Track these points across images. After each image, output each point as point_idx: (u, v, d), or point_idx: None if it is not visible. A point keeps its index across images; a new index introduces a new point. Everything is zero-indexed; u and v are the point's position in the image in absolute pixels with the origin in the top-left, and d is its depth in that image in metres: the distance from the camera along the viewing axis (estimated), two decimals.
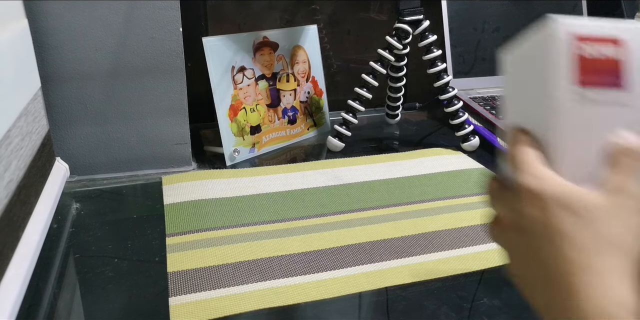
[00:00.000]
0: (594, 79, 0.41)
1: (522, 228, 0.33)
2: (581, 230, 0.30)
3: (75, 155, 0.77)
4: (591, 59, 0.41)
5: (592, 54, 0.41)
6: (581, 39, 0.41)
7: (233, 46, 0.84)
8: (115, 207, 0.72)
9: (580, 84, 0.40)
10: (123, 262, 0.59)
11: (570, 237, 0.30)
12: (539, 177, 0.34)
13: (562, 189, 0.33)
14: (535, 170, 0.35)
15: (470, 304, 0.53)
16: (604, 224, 0.30)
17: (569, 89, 0.40)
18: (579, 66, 0.40)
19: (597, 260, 0.29)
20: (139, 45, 0.74)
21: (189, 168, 0.82)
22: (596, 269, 0.29)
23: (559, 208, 0.32)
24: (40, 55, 0.71)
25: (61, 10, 0.70)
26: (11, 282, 0.50)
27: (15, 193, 0.55)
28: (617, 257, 0.29)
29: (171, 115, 0.79)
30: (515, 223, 0.33)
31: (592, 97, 0.41)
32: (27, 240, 0.56)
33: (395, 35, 0.86)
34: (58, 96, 0.74)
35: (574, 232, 0.30)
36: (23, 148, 0.59)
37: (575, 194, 0.32)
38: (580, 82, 0.40)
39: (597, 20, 0.42)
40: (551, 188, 0.33)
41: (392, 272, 0.57)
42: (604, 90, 0.41)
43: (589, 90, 0.41)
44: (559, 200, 0.32)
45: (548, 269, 0.31)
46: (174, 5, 0.73)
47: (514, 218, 0.34)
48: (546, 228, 0.31)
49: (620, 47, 0.41)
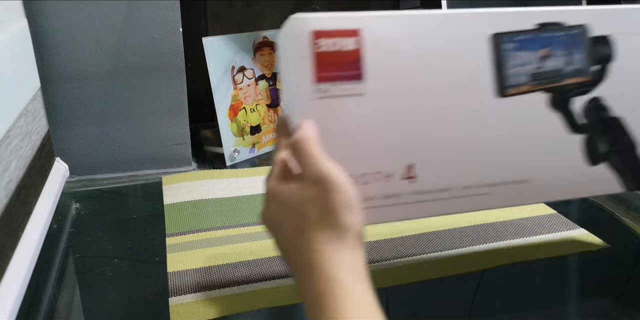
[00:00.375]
0: (332, 74, 0.42)
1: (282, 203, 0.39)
2: (292, 219, 0.38)
3: (75, 155, 0.77)
4: (329, 53, 0.42)
5: (330, 49, 0.42)
6: (320, 35, 0.41)
7: (233, 46, 0.84)
8: (115, 207, 0.72)
9: (319, 81, 0.42)
10: (123, 262, 0.59)
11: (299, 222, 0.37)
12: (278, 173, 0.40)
13: (280, 188, 0.39)
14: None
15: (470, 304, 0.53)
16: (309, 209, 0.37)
17: (308, 86, 0.42)
18: (317, 63, 0.42)
19: (318, 238, 0.36)
20: (139, 45, 0.74)
21: (189, 168, 0.82)
22: (316, 242, 0.36)
23: (275, 201, 0.39)
24: (40, 55, 0.71)
25: (61, 10, 0.70)
26: (11, 282, 0.50)
27: (15, 193, 0.55)
28: (328, 232, 0.36)
29: (171, 115, 0.78)
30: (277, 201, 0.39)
31: (331, 91, 0.42)
32: (27, 240, 0.56)
33: None
34: (58, 96, 0.74)
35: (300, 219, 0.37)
36: (23, 148, 0.59)
37: (294, 190, 0.38)
38: (318, 79, 0.42)
39: (342, 13, 0.42)
40: (276, 186, 0.39)
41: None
42: (342, 83, 0.42)
43: (328, 85, 0.42)
44: (276, 192, 0.39)
45: (293, 242, 0.38)
46: (174, 5, 0.73)
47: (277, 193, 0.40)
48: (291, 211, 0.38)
49: (358, 37, 0.42)
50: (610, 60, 0.50)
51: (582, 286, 0.56)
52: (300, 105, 0.42)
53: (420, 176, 0.45)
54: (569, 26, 0.48)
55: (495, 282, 0.56)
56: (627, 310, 0.51)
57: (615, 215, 0.69)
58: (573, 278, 0.57)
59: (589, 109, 0.50)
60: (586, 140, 0.50)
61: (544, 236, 0.63)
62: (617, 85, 0.50)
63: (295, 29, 0.41)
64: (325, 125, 0.42)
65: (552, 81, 0.48)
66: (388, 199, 0.45)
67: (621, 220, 0.68)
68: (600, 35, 0.49)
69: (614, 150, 0.51)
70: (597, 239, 0.62)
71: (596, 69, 0.50)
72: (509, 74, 0.47)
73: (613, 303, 0.52)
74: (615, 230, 0.59)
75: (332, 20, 0.42)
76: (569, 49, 0.49)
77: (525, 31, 0.47)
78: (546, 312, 0.51)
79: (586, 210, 0.71)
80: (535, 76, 0.48)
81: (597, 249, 0.61)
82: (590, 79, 0.50)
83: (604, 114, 0.51)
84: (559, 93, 0.49)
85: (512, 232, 0.63)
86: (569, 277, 0.57)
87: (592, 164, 0.50)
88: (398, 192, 0.45)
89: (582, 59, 0.49)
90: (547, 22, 0.47)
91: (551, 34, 0.48)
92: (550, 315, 0.51)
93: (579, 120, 0.50)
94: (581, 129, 0.50)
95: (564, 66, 0.49)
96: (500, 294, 0.54)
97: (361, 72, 0.43)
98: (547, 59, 0.48)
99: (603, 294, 0.54)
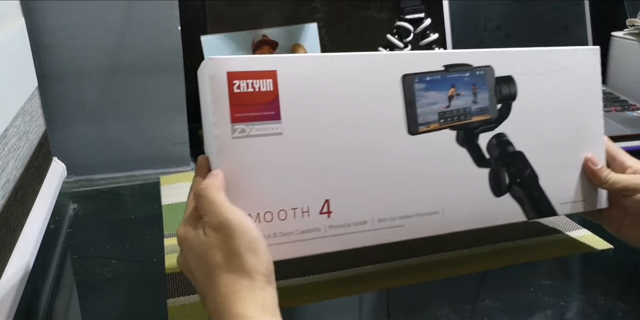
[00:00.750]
0: (249, 115, 0.44)
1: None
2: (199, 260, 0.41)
3: (72, 155, 0.77)
4: (245, 94, 0.44)
5: (246, 90, 0.44)
6: (236, 76, 0.43)
7: (232, 44, 0.83)
8: (113, 207, 0.72)
9: (235, 121, 0.44)
10: (121, 263, 0.58)
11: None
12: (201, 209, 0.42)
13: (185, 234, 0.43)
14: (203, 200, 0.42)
15: (472, 304, 0.52)
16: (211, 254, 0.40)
17: (226, 126, 0.44)
18: (233, 104, 0.43)
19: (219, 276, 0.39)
20: (137, 44, 0.74)
21: (188, 168, 0.81)
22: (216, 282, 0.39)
23: (185, 248, 0.42)
24: (37, 53, 0.71)
25: (58, 9, 0.70)
26: (9, 282, 0.49)
27: (12, 193, 0.54)
28: (235, 274, 0.39)
29: (169, 114, 0.78)
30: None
31: (248, 131, 0.44)
32: (24, 241, 0.56)
33: (396, 34, 0.86)
34: (55, 95, 0.73)
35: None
36: (20, 148, 0.59)
37: (200, 236, 0.41)
38: (235, 120, 0.44)
39: (258, 55, 0.45)
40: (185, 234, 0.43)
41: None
42: (259, 123, 0.44)
43: (245, 125, 0.44)
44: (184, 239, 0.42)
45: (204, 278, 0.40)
46: (172, 3, 0.73)
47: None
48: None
49: (273, 78, 0.44)
50: (514, 99, 0.54)
51: (584, 287, 0.56)
52: (218, 145, 0.44)
53: (336, 211, 0.48)
54: (475, 67, 0.52)
55: (498, 283, 0.56)
56: (630, 312, 0.51)
57: None
58: (575, 279, 0.57)
59: (494, 144, 0.54)
60: (491, 173, 0.54)
61: (546, 237, 0.63)
62: (519, 122, 0.54)
63: (212, 70, 0.43)
64: (243, 164, 0.44)
65: (459, 119, 0.52)
66: (306, 233, 0.47)
67: None
68: (504, 76, 0.53)
69: (517, 182, 0.55)
70: (600, 240, 0.62)
71: (500, 107, 0.54)
72: (420, 113, 0.50)
73: (615, 304, 0.52)
74: None
75: (248, 62, 0.44)
76: (475, 88, 0.52)
77: (434, 72, 0.50)
78: (548, 313, 0.51)
79: None
80: (443, 115, 0.51)
81: (599, 250, 0.60)
82: (495, 116, 0.54)
83: (507, 148, 0.54)
84: (466, 130, 0.52)
85: (515, 233, 0.63)
86: (571, 278, 0.57)
87: (497, 195, 0.54)
88: (316, 227, 0.47)
89: (487, 98, 0.53)
90: (454, 64, 0.51)
91: (458, 74, 0.51)
92: (552, 316, 0.50)
93: (485, 154, 0.53)
94: (486, 163, 0.53)
95: (470, 105, 0.52)
96: (502, 295, 0.53)
97: (277, 113, 0.45)
98: (455, 98, 0.52)
99: (605, 295, 0.54)
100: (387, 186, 0.49)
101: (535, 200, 0.56)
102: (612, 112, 0.95)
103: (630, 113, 0.95)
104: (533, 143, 0.55)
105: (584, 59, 0.56)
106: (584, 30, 1.05)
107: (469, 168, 0.53)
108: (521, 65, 0.54)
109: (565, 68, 0.55)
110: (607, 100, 0.99)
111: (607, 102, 0.98)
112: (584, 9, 1.06)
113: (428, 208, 0.51)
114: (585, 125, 0.57)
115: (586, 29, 1.06)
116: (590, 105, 0.57)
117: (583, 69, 0.56)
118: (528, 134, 0.55)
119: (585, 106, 0.57)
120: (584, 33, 1.05)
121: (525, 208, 0.55)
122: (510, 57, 0.53)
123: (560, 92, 0.55)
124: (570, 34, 1.05)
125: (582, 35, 1.05)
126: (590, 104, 0.57)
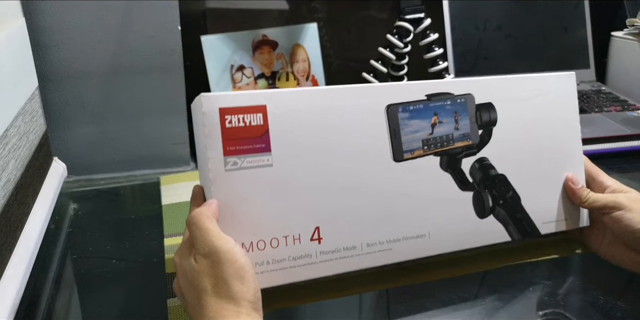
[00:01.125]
0: (240, 148, 0.46)
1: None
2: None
3: (72, 155, 0.77)
4: (237, 129, 0.46)
5: (237, 125, 0.46)
6: (228, 112, 0.45)
7: (232, 45, 0.83)
8: (113, 207, 0.72)
9: (228, 154, 0.46)
10: (121, 262, 0.58)
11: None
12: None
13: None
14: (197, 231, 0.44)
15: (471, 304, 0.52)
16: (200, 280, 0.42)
17: (218, 159, 0.46)
18: (225, 138, 0.45)
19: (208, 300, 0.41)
20: (138, 44, 0.74)
21: (188, 168, 0.81)
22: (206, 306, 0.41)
23: (179, 274, 0.44)
24: (38, 54, 0.71)
25: (59, 9, 0.70)
26: (9, 282, 0.49)
27: (13, 193, 0.54)
28: (223, 300, 0.40)
29: (169, 114, 0.78)
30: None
31: (240, 164, 0.46)
32: (24, 240, 0.56)
33: (396, 34, 0.86)
34: (56, 95, 0.74)
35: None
36: (20, 148, 0.59)
37: (192, 263, 0.43)
38: (227, 153, 0.46)
39: (248, 91, 0.47)
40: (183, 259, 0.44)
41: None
42: (250, 156, 0.46)
43: (237, 158, 0.46)
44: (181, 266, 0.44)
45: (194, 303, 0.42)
46: (172, 3, 0.73)
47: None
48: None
49: (263, 113, 0.46)
50: (494, 124, 0.56)
51: (584, 287, 0.56)
52: (211, 177, 0.46)
53: (326, 237, 0.50)
54: (456, 95, 0.54)
55: (498, 283, 0.56)
56: (630, 312, 0.51)
57: None
58: (575, 279, 0.57)
59: (476, 168, 0.56)
60: (475, 196, 0.55)
61: (545, 237, 0.63)
62: (500, 146, 0.56)
63: (205, 106, 0.45)
64: (235, 194, 0.46)
65: (442, 146, 0.54)
66: (298, 259, 0.49)
67: None
68: (484, 102, 0.55)
69: (500, 204, 0.57)
70: None
71: (482, 133, 0.56)
72: (404, 141, 0.52)
73: (614, 304, 0.52)
74: None
75: (239, 98, 0.46)
76: (456, 116, 0.54)
77: (417, 101, 0.52)
78: (546, 313, 0.51)
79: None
80: (427, 142, 0.53)
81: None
82: (476, 142, 0.55)
83: (489, 172, 0.56)
84: (449, 155, 0.54)
85: None
86: (570, 277, 0.57)
87: (481, 217, 0.56)
88: (307, 253, 0.49)
89: (468, 124, 0.55)
90: (435, 93, 0.53)
91: (440, 103, 0.53)
92: (550, 316, 0.50)
93: (468, 178, 0.55)
94: (470, 187, 0.55)
95: (452, 131, 0.54)
96: (502, 294, 0.54)
97: (268, 145, 0.47)
98: (437, 126, 0.53)
99: (605, 295, 0.54)
100: (374, 212, 0.51)
101: (519, 220, 0.58)
102: (612, 112, 0.95)
103: (631, 113, 0.95)
104: (514, 166, 0.57)
105: (561, 85, 0.59)
106: (584, 30, 1.05)
107: (453, 192, 0.55)
108: (501, 92, 0.56)
109: (544, 94, 0.58)
110: (607, 100, 0.99)
111: (607, 102, 0.98)
112: (584, 9, 1.06)
113: (414, 231, 0.53)
114: (564, 147, 0.59)
115: (586, 29, 1.06)
116: (569, 127, 0.59)
117: (560, 94, 0.59)
118: (509, 157, 0.57)
119: (564, 129, 0.59)
120: (584, 33, 1.05)
121: (509, 229, 0.57)
122: (490, 85, 0.56)
123: (539, 116, 0.57)
124: (570, 34, 1.05)
125: (582, 36, 1.05)
126: (569, 126, 0.59)
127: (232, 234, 0.45)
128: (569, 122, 0.59)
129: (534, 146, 0.58)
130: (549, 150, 0.58)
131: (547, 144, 0.58)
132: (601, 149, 0.86)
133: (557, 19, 1.04)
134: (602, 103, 0.98)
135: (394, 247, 0.52)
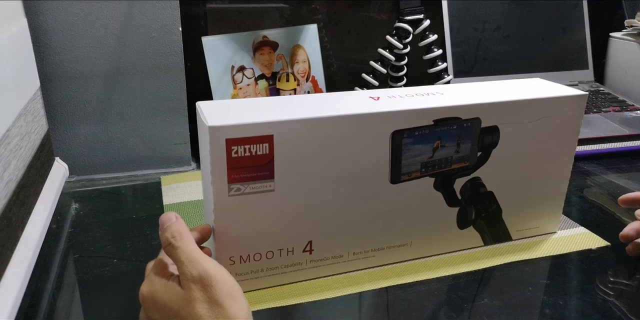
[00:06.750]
0: (245, 175, 0.47)
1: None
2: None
3: (74, 155, 0.77)
4: (243, 158, 0.46)
5: (243, 155, 0.46)
6: (234, 143, 0.45)
7: (233, 45, 0.84)
8: (114, 207, 0.72)
9: (232, 182, 0.46)
10: (122, 262, 0.58)
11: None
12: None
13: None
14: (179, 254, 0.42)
15: (471, 304, 0.53)
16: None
17: (223, 185, 0.46)
18: (231, 166, 0.46)
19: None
20: (139, 45, 0.74)
21: (189, 168, 0.82)
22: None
23: (153, 308, 0.41)
24: (40, 54, 0.71)
25: (61, 9, 0.70)
26: (10, 282, 0.50)
27: (15, 193, 0.54)
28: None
29: (171, 114, 0.78)
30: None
31: (243, 190, 0.47)
32: (26, 240, 0.56)
33: (396, 35, 0.86)
34: (57, 96, 0.74)
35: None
36: (22, 148, 0.59)
37: (178, 292, 0.40)
38: (232, 180, 0.46)
39: (255, 120, 0.46)
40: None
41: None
42: (254, 182, 0.47)
43: (240, 185, 0.47)
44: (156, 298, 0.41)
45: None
46: (173, 4, 0.73)
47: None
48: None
49: (269, 142, 0.46)
50: (495, 146, 0.56)
51: (582, 285, 0.56)
52: (215, 201, 0.47)
53: (317, 249, 0.53)
54: (464, 120, 0.53)
55: (496, 282, 0.56)
56: (628, 310, 0.51)
57: (616, 215, 0.69)
58: (573, 277, 0.57)
59: (467, 187, 0.57)
60: (460, 211, 0.57)
61: (544, 235, 0.63)
62: (495, 166, 0.56)
63: (212, 136, 0.45)
64: (237, 216, 0.48)
65: (440, 168, 0.54)
66: (290, 267, 0.53)
67: (622, 220, 0.68)
68: (490, 126, 0.54)
69: (482, 217, 0.59)
70: (598, 237, 0.62)
71: (480, 155, 0.56)
72: (403, 165, 0.52)
73: (614, 302, 0.52)
74: (616, 229, 0.59)
75: (247, 128, 0.45)
76: (459, 139, 0.54)
77: (423, 127, 0.52)
78: (546, 312, 0.51)
79: (587, 209, 0.71)
80: (425, 165, 0.53)
81: (597, 248, 0.61)
82: (474, 163, 0.56)
83: (479, 190, 0.57)
84: (444, 176, 0.55)
85: None
86: (569, 276, 0.57)
87: (461, 228, 0.58)
88: (298, 262, 0.53)
89: (469, 147, 0.55)
90: (443, 118, 0.52)
91: (446, 128, 0.53)
92: (550, 314, 0.51)
93: (458, 196, 0.57)
94: (457, 203, 0.57)
95: (452, 154, 0.54)
96: (501, 294, 0.54)
97: (271, 173, 0.47)
98: (439, 149, 0.53)
99: (604, 293, 0.54)
100: (363, 226, 0.54)
101: (495, 229, 0.60)
102: (610, 113, 0.95)
103: (629, 113, 0.95)
104: (504, 183, 0.58)
105: (571, 106, 0.57)
106: (582, 31, 1.06)
107: (440, 208, 0.56)
108: (509, 115, 0.55)
109: (551, 115, 0.56)
110: (605, 100, 1.00)
111: (605, 103, 0.99)
112: (583, 10, 1.06)
113: (398, 241, 0.56)
114: (555, 161, 0.59)
115: (585, 29, 1.06)
116: (566, 144, 0.59)
117: (567, 114, 0.57)
118: (501, 175, 0.57)
119: (560, 147, 0.59)
120: (582, 34, 1.06)
121: (485, 237, 0.60)
122: (500, 109, 0.54)
123: (540, 136, 0.57)
124: (568, 35, 1.05)
125: (581, 36, 1.06)
126: (566, 143, 0.59)
127: (229, 249, 0.47)
128: (567, 140, 0.59)
129: (527, 165, 0.58)
130: (541, 166, 0.59)
131: (541, 161, 0.58)
132: (600, 149, 0.86)
133: (556, 19, 1.05)
134: (600, 103, 0.98)
135: (377, 254, 0.56)
